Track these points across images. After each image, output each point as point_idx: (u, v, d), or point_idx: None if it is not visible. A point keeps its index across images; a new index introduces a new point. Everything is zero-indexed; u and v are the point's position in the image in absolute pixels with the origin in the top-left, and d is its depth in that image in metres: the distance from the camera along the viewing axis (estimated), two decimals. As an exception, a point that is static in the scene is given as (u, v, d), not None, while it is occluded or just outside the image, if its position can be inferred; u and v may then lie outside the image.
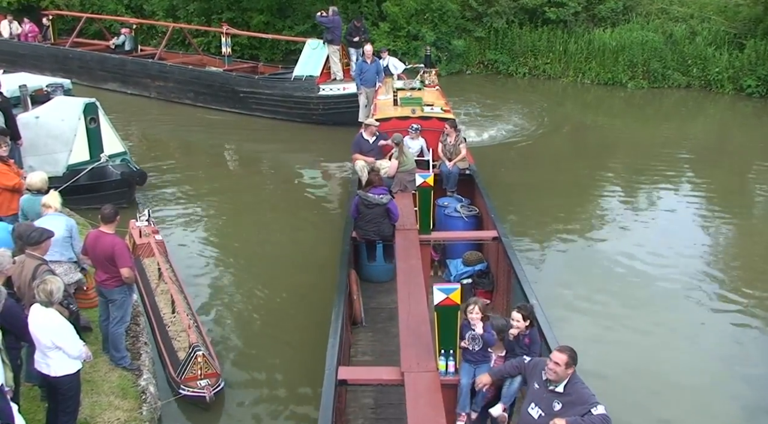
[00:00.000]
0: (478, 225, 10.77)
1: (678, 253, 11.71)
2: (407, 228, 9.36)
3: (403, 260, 8.38)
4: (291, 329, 9.46)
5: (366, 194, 9.09)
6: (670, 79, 23.91)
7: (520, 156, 16.95)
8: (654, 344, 9.19)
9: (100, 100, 13.10)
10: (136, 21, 24.09)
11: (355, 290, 8.97)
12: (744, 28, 23.91)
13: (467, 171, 11.76)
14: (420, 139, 12.04)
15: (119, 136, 13.44)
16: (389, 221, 9.15)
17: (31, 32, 24.12)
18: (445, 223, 10.87)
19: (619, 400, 7.67)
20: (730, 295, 10.49)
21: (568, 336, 9.09)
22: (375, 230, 9.18)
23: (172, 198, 14.01)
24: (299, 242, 12.08)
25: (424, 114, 12.48)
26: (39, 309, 6.04)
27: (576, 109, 22.02)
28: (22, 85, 13.37)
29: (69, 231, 7.83)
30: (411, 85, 14.74)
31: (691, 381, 8.48)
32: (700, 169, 16.17)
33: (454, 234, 10.50)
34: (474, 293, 9.36)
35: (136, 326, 8.71)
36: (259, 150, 17.52)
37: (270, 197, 14.47)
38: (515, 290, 8.20)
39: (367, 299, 9.48)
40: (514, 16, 26.10)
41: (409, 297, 7.45)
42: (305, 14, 26.96)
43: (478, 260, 10.10)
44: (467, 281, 9.75)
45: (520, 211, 13.46)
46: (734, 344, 9.32)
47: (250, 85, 19.39)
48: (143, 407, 7.31)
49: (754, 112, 21.74)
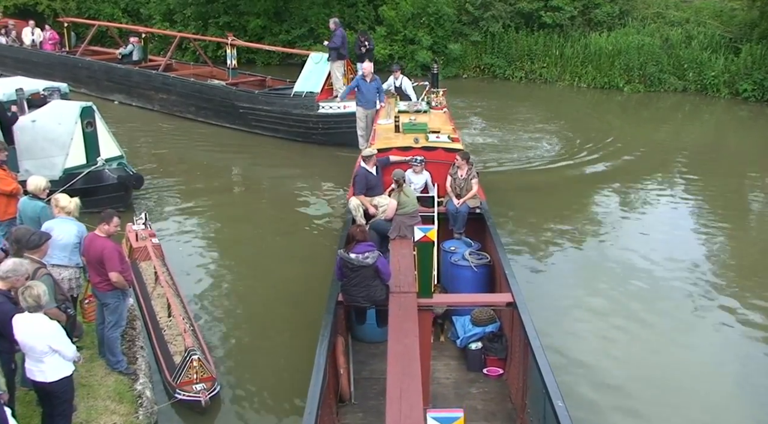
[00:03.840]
0: (489, 276, 9.38)
1: (676, 257, 11.68)
2: (404, 290, 7.62)
3: (397, 338, 6.69)
4: (287, 334, 9.43)
5: (347, 255, 7.44)
6: (666, 83, 24.01)
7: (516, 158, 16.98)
8: (660, 355, 9.08)
9: (103, 112, 12.86)
10: (146, 30, 23.20)
11: (342, 362, 7.75)
12: (740, 33, 24.03)
13: (477, 210, 10.37)
14: (424, 173, 10.80)
15: (116, 140, 13.43)
16: (380, 282, 7.52)
17: (51, 39, 23.60)
18: (450, 273, 9.45)
19: (630, 411, 7.78)
20: (730, 299, 10.46)
21: (573, 344, 9.22)
22: (364, 295, 7.54)
23: (169, 202, 13.98)
24: (296, 248, 12.05)
25: (429, 143, 11.19)
26: (26, 317, 5.99)
27: (572, 112, 22.06)
28: (19, 89, 13.34)
29: (79, 238, 7.81)
30: (415, 107, 13.41)
31: (701, 388, 8.44)
32: (695, 173, 16.18)
33: (461, 298, 8.89)
34: (484, 360, 8.33)
35: (132, 330, 8.71)
36: (258, 164, 16.70)
37: (266, 206, 14.27)
38: (532, 370, 6.95)
39: (358, 365, 8.28)
40: (510, 20, 26.19)
41: (401, 397, 5.86)
42: (302, 18, 27.06)
43: (489, 319, 8.68)
44: (476, 345, 8.43)
45: (518, 210, 13.48)
46: (739, 348, 9.29)
47: (250, 100, 18.14)
48: (139, 412, 7.31)
49: (750, 116, 21.82)
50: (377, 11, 26.94)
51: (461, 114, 19.82)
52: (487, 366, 8.30)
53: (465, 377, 8.26)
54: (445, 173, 10.70)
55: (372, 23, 27.02)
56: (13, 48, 23.75)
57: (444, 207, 10.38)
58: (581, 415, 7.31)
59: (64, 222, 7.85)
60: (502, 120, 20.42)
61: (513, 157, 16.84)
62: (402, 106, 13.45)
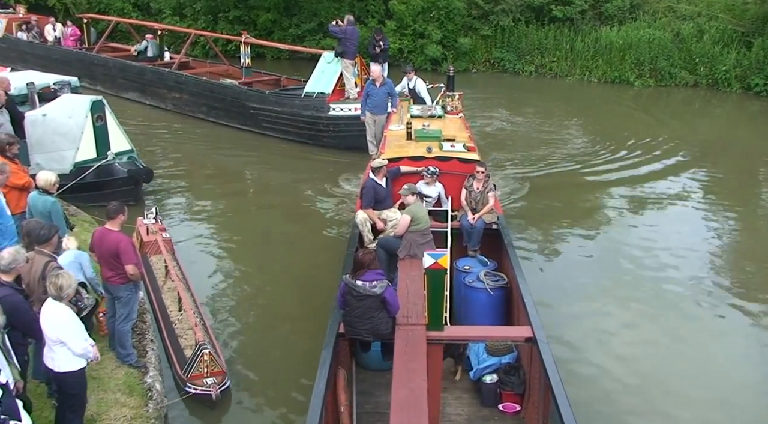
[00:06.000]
0: (505, 299, 8.69)
1: (687, 254, 11.58)
2: (411, 322, 6.94)
3: (401, 381, 6.00)
4: (298, 328, 9.43)
5: (353, 282, 6.77)
6: (677, 77, 23.90)
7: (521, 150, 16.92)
8: (668, 356, 8.91)
9: (117, 110, 12.70)
10: (162, 27, 23.07)
11: (343, 400, 7.02)
12: (752, 27, 23.87)
13: (494, 225, 9.60)
14: (437, 185, 10.00)
15: (126, 134, 13.46)
16: (386, 314, 6.85)
17: (72, 35, 23.58)
18: (465, 295, 8.74)
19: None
20: (740, 299, 10.36)
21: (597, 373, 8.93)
22: (368, 328, 6.86)
23: (178, 199, 14.01)
24: (308, 241, 12.07)
25: (443, 153, 10.38)
26: (51, 303, 6.07)
27: (582, 105, 21.96)
28: (30, 83, 13.39)
29: (77, 258, 7.77)
30: (429, 111, 12.73)
31: (709, 393, 8.31)
32: (706, 167, 16.10)
33: (475, 331, 7.83)
34: (500, 395, 7.60)
35: (142, 324, 8.73)
36: (267, 165, 16.23)
37: (275, 206, 14.00)
38: (553, 413, 6.34)
39: (362, 396, 7.66)
40: (520, 14, 26.13)
41: None
42: (311, 12, 27.04)
43: (506, 349, 7.94)
44: (491, 378, 7.67)
45: (528, 211, 13.42)
46: (747, 351, 9.19)
47: (261, 100, 17.55)
48: (149, 405, 7.32)
49: (761, 110, 21.70)
50: (387, 5, 26.91)
51: (470, 105, 19.76)
52: (503, 401, 7.59)
53: (478, 414, 7.58)
54: (459, 185, 9.92)
55: (382, 17, 26.99)
56: (33, 44, 23.82)
57: (458, 222, 9.66)
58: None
59: (64, 254, 7.73)
60: (515, 114, 20.39)
61: (518, 157, 16.68)
62: (415, 111, 12.85)
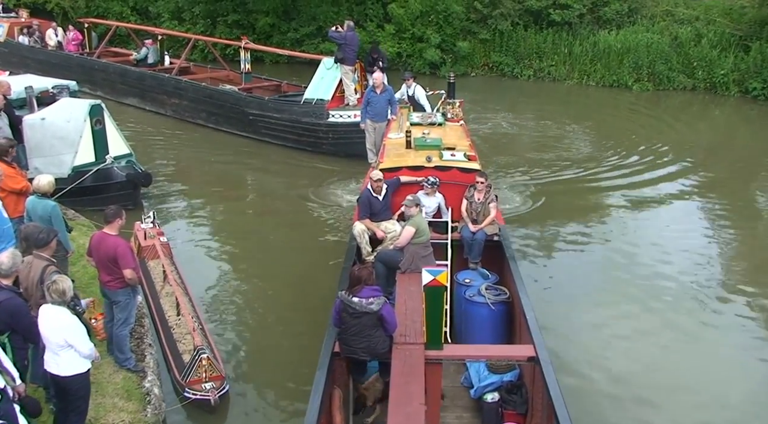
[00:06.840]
0: (507, 314, 8.43)
1: (698, 271, 11.38)
2: (410, 341, 6.77)
3: (398, 405, 5.74)
4: (297, 333, 9.41)
5: (349, 299, 6.58)
6: (675, 81, 23.95)
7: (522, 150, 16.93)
8: (676, 378, 8.66)
9: (117, 116, 12.64)
10: (162, 32, 22.88)
11: (338, 421, 6.77)
12: (750, 31, 23.92)
13: (495, 237, 9.34)
14: (437, 196, 9.72)
15: (124, 138, 13.45)
16: (383, 332, 6.66)
17: (74, 40, 23.48)
18: (465, 309, 8.51)
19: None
20: (739, 299, 10.41)
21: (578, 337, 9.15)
22: (364, 347, 6.67)
23: (176, 204, 13.97)
24: (306, 246, 12.04)
25: (443, 162, 10.10)
26: (50, 308, 6.05)
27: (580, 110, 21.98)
28: (28, 87, 13.38)
29: None
30: (429, 119, 12.49)
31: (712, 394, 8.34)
32: (705, 171, 16.10)
33: (475, 351, 7.61)
34: (501, 415, 7.29)
35: (140, 328, 8.71)
36: (266, 171, 16.12)
37: (274, 212, 13.94)
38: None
39: (360, 415, 7.41)
40: (519, 18, 26.17)
41: None
42: (310, 16, 27.07)
43: (507, 367, 7.68)
44: (492, 396, 7.39)
45: (521, 215, 13.40)
46: (746, 350, 9.22)
47: (260, 106, 17.28)
48: (147, 409, 7.31)
49: (760, 114, 21.73)
50: (386, 9, 26.94)
51: (468, 109, 19.76)
52: (505, 421, 7.29)
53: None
54: (460, 196, 9.67)
55: (381, 21, 27.04)
56: (35, 49, 23.75)
57: (458, 233, 9.40)
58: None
59: None
60: (513, 117, 20.41)
61: (517, 161, 16.64)
62: (415, 119, 12.60)
